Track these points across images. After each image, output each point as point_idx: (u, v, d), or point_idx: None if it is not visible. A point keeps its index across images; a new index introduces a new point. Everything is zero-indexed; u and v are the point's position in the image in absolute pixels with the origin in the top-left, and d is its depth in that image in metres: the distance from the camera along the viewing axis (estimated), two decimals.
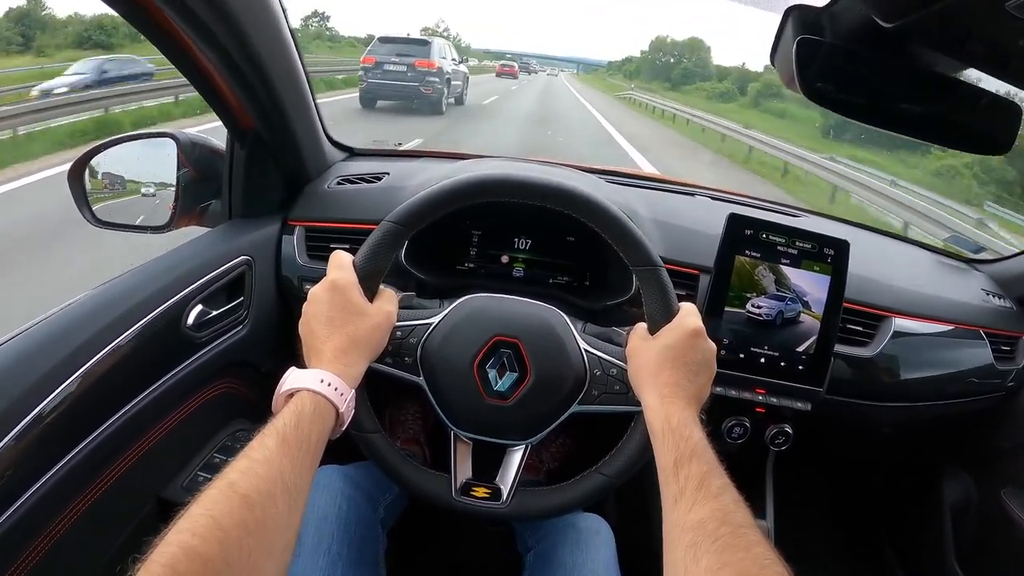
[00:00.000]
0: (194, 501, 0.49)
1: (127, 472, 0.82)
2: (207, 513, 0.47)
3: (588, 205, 0.75)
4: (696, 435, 0.61)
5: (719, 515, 0.53)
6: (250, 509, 0.49)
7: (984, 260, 1.39)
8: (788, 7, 0.74)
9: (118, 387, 0.78)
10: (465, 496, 0.77)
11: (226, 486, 0.50)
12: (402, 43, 11.97)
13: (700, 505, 0.54)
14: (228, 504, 0.48)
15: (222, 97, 0.91)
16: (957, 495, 1.38)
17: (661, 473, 0.61)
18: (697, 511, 0.54)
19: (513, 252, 1.10)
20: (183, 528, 0.46)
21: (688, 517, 0.54)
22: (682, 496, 0.56)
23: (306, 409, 0.59)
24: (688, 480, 0.57)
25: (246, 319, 1.00)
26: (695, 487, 0.56)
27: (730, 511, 0.54)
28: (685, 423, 0.62)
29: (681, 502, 0.56)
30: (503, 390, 0.75)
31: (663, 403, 0.65)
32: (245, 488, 0.50)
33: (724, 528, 0.52)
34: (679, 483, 0.57)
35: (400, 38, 12.50)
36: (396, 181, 1.15)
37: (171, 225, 1.03)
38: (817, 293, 0.95)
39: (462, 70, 14.03)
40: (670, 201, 1.28)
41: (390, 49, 11.50)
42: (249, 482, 0.51)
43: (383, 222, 0.74)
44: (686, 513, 0.54)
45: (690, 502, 0.55)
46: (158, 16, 0.76)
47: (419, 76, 11.35)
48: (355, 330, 0.68)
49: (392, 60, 11.32)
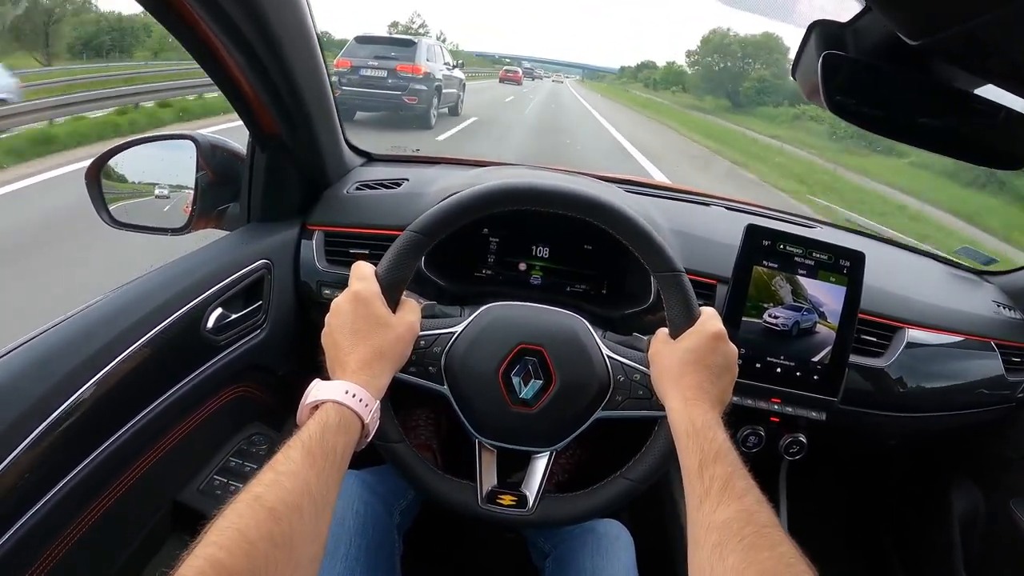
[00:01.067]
0: (220, 514, 0.49)
1: (144, 475, 0.82)
2: (234, 526, 0.47)
3: (611, 213, 0.75)
4: (720, 437, 0.62)
5: (744, 515, 0.54)
6: (277, 522, 0.49)
7: (995, 272, 1.40)
8: (812, 22, 0.75)
9: (137, 390, 0.78)
10: (491, 504, 0.77)
11: (252, 499, 0.50)
12: (383, 44, 9.99)
13: (725, 505, 0.55)
14: (255, 517, 0.49)
15: (247, 101, 0.91)
16: (966, 505, 1.38)
17: (685, 475, 0.61)
18: (722, 511, 0.54)
19: (531, 260, 1.10)
20: (211, 541, 0.46)
21: (713, 517, 0.54)
22: (707, 497, 0.57)
23: (331, 421, 0.59)
24: (713, 481, 0.57)
25: (264, 323, 1.00)
26: (720, 488, 0.57)
27: (755, 511, 0.54)
28: (709, 425, 0.63)
29: (706, 503, 0.56)
30: (528, 398, 0.75)
31: (687, 406, 0.66)
32: (272, 501, 0.50)
33: (749, 528, 0.52)
34: (704, 484, 0.58)
35: (381, 37, 10.55)
36: (415, 187, 1.15)
37: (189, 227, 1.03)
38: (833, 304, 0.96)
39: (457, 76, 11.99)
40: (686, 211, 1.29)
41: (369, 51, 9.57)
42: (275, 495, 0.51)
43: (406, 231, 0.74)
44: (711, 513, 0.55)
45: (715, 502, 0.55)
46: (189, 18, 0.76)
47: (402, 83, 9.36)
48: (379, 341, 0.68)
49: (370, 64, 9.34)
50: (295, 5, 0.81)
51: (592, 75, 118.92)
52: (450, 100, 11.44)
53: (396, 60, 9.46)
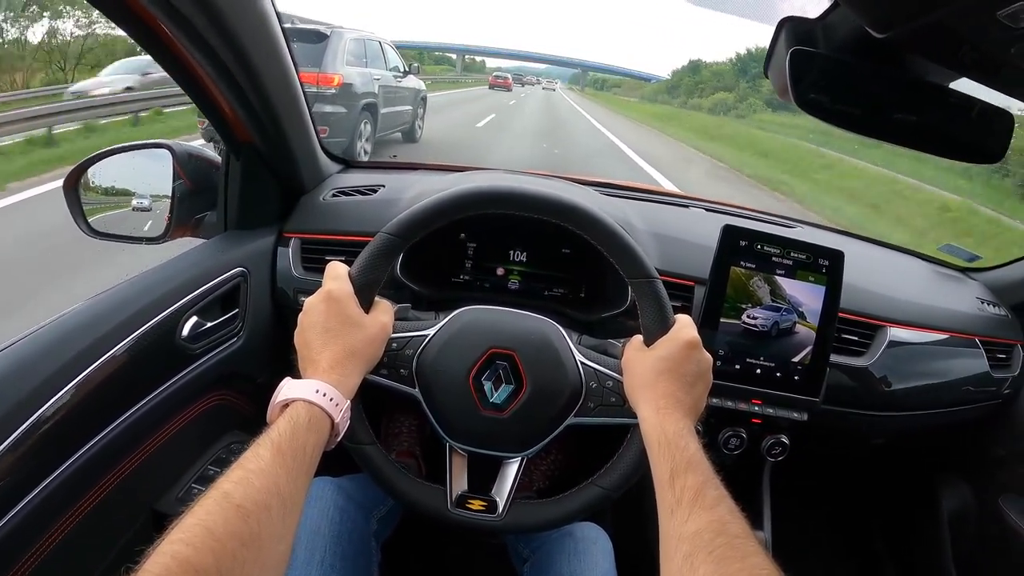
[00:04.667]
0: (188, 511, 0.48)
1: (121, 484, 0.82)
2: (201, 523, 0.47)
3: (585, 218, 0.75)
4: (692, 446, 0.61)
5: (716, 526, 0.53)
6: (245, 520, 0.49)
7: (978, 268, 1.40)
8: (781, 19, 0.75)
9: (113, 398, 0.78)
10: (461, 509, 0.76)
11: (221, 496, 0.50)
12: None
13: (696, 516, 0.54)
14: (223, 515, 0.48)
15: (219, 110, 0.91)
16: (955, 503, 1.38)
17: (657, 485, 0.61)
18: (693, 522, 0.54)
19: (508, 264, 1.10)
20: (177, 538, 0.46)
21: (685, 528, 0.54)
22: (678, 507, 0.56)
23: (301, 419, 0.59)
24: (684, 491, 0.57)
25: (241, 331, 0.99)
26: (691, 498, 0.56)
27: (727, 521, 0.54)
28: (681, 435, 0.62)
29: (677, 513, 0.56)
30: (499, 402, 0.75)
31: (659, 415, 0.65)
32: (240, 498, 0.50)
33: (721, 539, 0.52)
34: (675, 494, 0.57)
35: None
36: (391, 193, 1.15)
37: (166, 236, 1.03)
38: (812, 303, 0.95)
39: (411, 86, 8.26)
40: (665, 213, 1.29)
41: None
42: (244, 492, 0.50)
43: (379, 233, 0.74)
44: (682, 524, 0.54)
45: (686, 513, 0.55)
46: (157, 29, 0.76)
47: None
48: (351, 341, 0.68)
49: None
50: (261, 13, 0.81)
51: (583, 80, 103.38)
52: (399, 122, 8.00)
53: (296, 65, 5.17)
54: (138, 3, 0.70)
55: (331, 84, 5.98)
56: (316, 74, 5.82)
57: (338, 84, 6.03)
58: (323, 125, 5.32)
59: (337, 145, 5.75)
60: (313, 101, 4.48)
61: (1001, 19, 0.49)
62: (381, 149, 7.05)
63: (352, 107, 6.26)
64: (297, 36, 5.98)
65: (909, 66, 0.72)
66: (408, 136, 8.48)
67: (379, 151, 6.97)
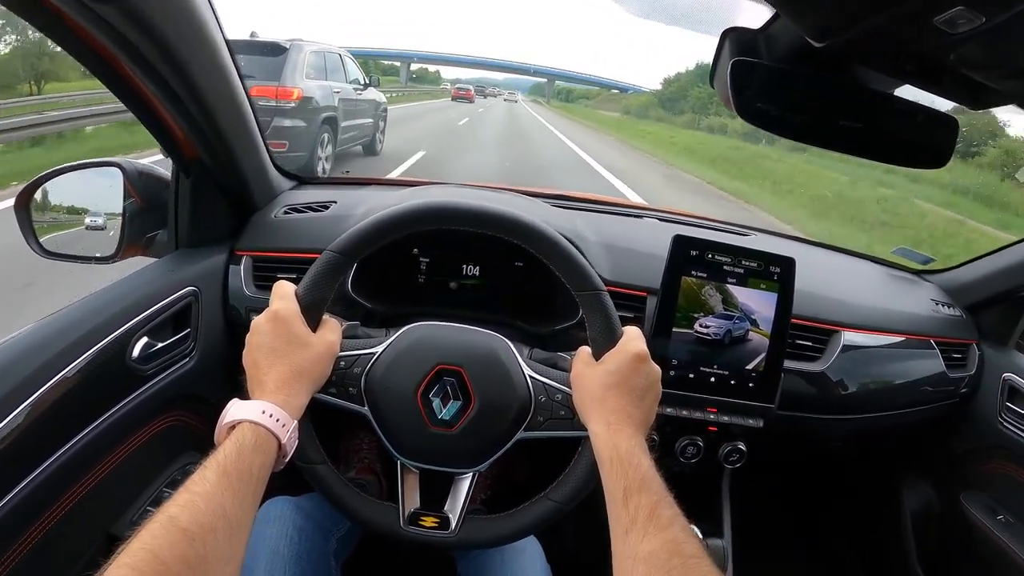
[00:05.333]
0: (134, 536, 0.49)
1: (75, 508, 0.80)
2: (147, 547, 0.47)
3: (528, 231, 0.75)
4: (644, 463, 0.62)
5: (671, 546, 0.54)
6: (191, 543, 0.49)
7: (932, 270, 1.43)
8: (725, 30, 0.76)
9: (63, 421, 0.77)
10: (413, 526, 0.76)
11: (166, 520, 0.50)
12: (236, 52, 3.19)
13: (651, 536, 0.55)
14: (168, 539, 0.49)
15: (165, 127, 0.90)
16: (917, 502, 1.40)
17: (610, 503, 0.61)
18: (648, 542, 0.55)
19: (461, 278, 1.10)
20: (123, 563, 0.46)
21: (639, 548, 0.55)
22: (633, 527, 0.56)
23: (247, 441, 0.59)
24: (639, 510, 0.57)
25: (193, 351, 0.98)
26: (645, 517, 0.56)
27: (681, 541, 0.55)
28: (633, 452, 0.63)
29: (632, 533, 0.56)
30: (447, 418, 0.75)
31: (609, 431, 0.65)
32: (186, 522, 0.50)
33: (676, 559, 0.53)
34: (629, 514, 0.57)
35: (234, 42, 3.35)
36: (343, 210, 1.14)
37: (117, 256, 1.02)
38: (765, 311, 0.96)
39: (372, 98, 8.23)
40: (617, 224, 1.29)
41: None
42: (190, 516, 0.51)
43: (325, 252, 0.74)
44: (637, 544, 0.55)
45: (641, 533, 0.55)
46: (96, 46, 0.75)
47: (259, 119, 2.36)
48: (298, 361, 0.68)
49: None
50: (203, 27, 0.80)
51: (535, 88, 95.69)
52: (360, 135, 7.95)
53: (252, 79, 5.25)
54: (71, 18, 0.69)
55: (290, 98, 5.86)
56: (275, 88, 5.72)
57: (297, 98, 5.92)
58: (283, 139, 5.57)
59: (297, 159, 5.83)
60: (272, 115, 4.52)
61: (938, 25, 0.49)
62: (341, 163, 6.96)
63: (312, 121, 6.16)
64: (256, 49, 6.00)
65: (853, 75, 0.74)
66: (368, 149, 8.47)
67: (340, 165, 6.85)
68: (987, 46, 0.54)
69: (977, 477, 1.29)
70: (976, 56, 0.57)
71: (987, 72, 0.60)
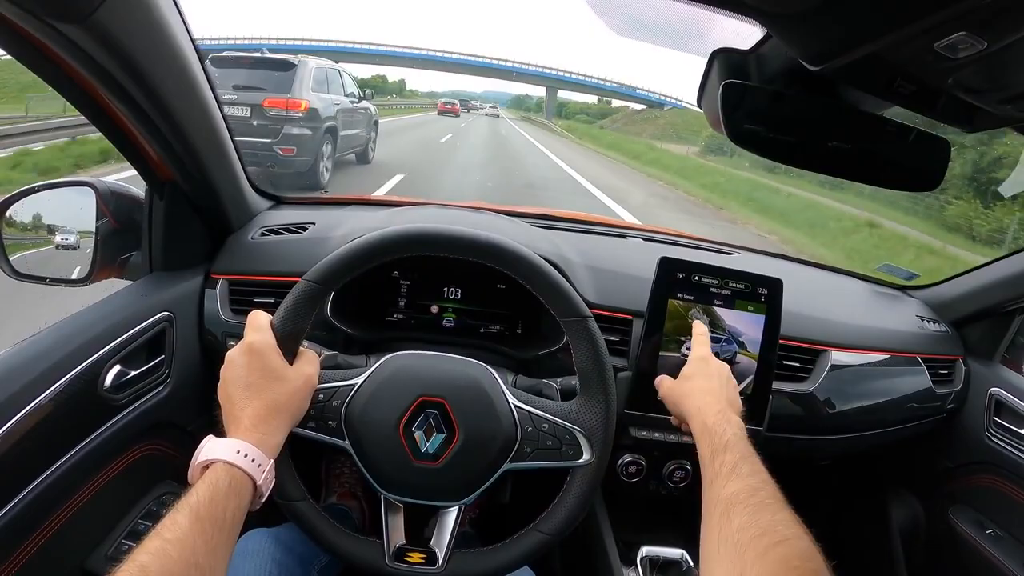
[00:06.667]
0: None
1: (48, 542, 0.78)
2: None
3: (511, 257, 0.74)
4: (729, 432, 0.71)
5: (749, 489, 0.62)
6: None
7: (917, 286, 1.43)
8: (713, 51, 0.75)
9: (34, 453, 0.75)
10: (399, 562, 0.74)
11: (137, 570, 0.49)
12: (246, 66, 6.67)
13: (733, 483, 0.63)
14: None
15: (137, 148, 0.87)
16: (905, 516, 1.40)
17: (702, 463, 0.71)
18: (730, 487, 0.63)
19: (443, 302, 1.08)
20: None
21: (722, 492, 0.62)
22: (716, 478, 0.65)
23: (221, 483, 0.58)
24: (722, 466, 0.66)
25: (168, 378, 0.95)
26: (728, 471, 0.65)
27: (758, 488, 0.62)
28: (718, 423, 0.72)
29: (716, 482, 0.65)
30: (431, 452, 0.73)
31: (700, 414, 0.76)
32: (157, 571, 0.49)
33: (754, 498, 0.60)
34: (715, 468, 0.67)
35: (244, 57, 7.05)
36: (322, 231, 1.12)
37: (90, 278, 0.99)
38: (752, 333, 0.95)
39: (365, 109, 8.75)
40: (601, 245, 1.28)
41: (226, 76, 6.29)
42: (161, 564, 0.50)
43: (300, 281, 0.72)
44: (720, 489, 0.63)
45: (724, 481, 0.64)
46: (65, 67, 0.72)
47: (272, 126, 6.24)
48: (274, 396, 0.66)
49: (226, 97, 5.95)
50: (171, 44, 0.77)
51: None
52: (354, 144, 8.44)
53: (264, 91, 6.30)
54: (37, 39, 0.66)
55: (299, 108, 6.44)
56: (286, 99, 6.37)
57: (305, 108, 6.48)
58: (291, 145, 6.32)
59: (303, 164, 6.54)
60: (283, 124, 5.54)
61: (939, 50, 0.49)
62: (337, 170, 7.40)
63: (316, 129, 6.69)
64: (268, 65, 6.88)
65: (844, 96, 0.73)
66: (361, 158, 8.97)
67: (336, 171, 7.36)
68: (986, 70, 0.54)
69: (965, 491, 1.29)
70: (974, 80, 0.57)
71: (984, 96, 0.60)
